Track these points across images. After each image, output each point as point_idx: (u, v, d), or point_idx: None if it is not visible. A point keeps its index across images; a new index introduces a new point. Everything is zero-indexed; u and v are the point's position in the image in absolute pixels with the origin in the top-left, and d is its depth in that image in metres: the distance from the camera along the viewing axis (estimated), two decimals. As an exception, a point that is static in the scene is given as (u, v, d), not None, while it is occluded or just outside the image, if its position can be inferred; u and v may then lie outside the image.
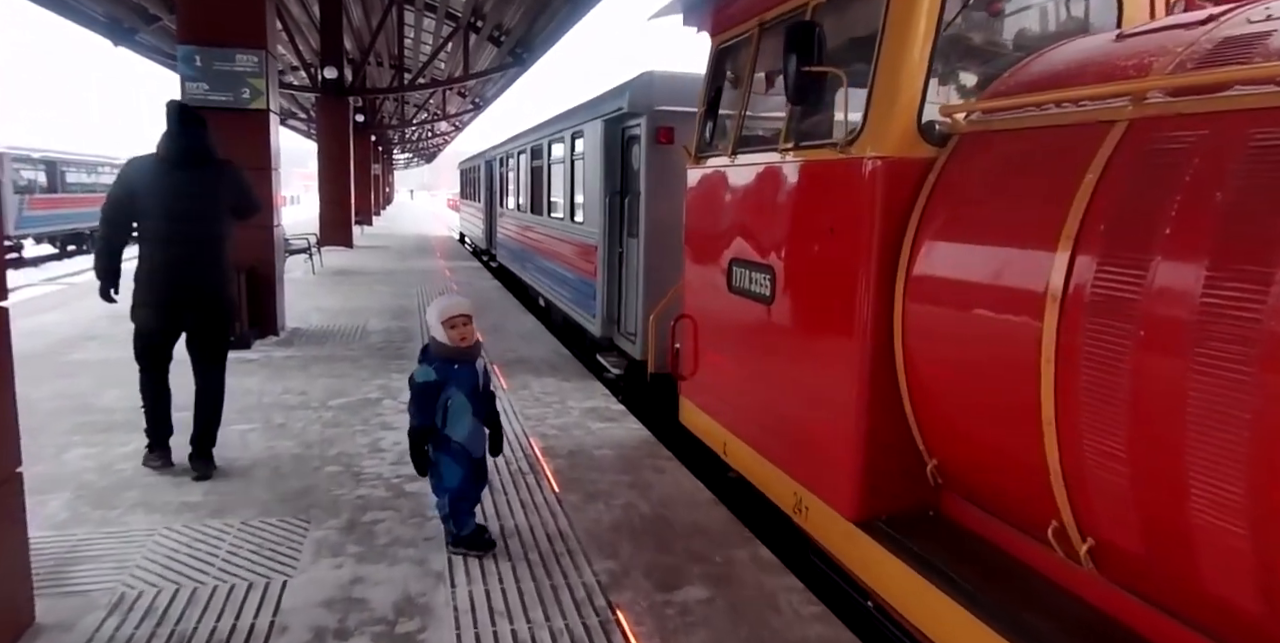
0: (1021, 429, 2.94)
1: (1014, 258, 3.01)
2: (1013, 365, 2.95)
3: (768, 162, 4.52)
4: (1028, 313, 2.86)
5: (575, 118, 9.60)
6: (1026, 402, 2.87)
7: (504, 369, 8.09)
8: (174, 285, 4.79)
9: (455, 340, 3.89)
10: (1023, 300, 2.90)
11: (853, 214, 3.70)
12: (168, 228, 4.75)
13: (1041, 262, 2.83)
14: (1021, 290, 2.92)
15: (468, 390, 3.94)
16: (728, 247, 5.05)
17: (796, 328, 4.22)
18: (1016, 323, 2.94)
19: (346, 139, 22.41)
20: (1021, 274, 2.94)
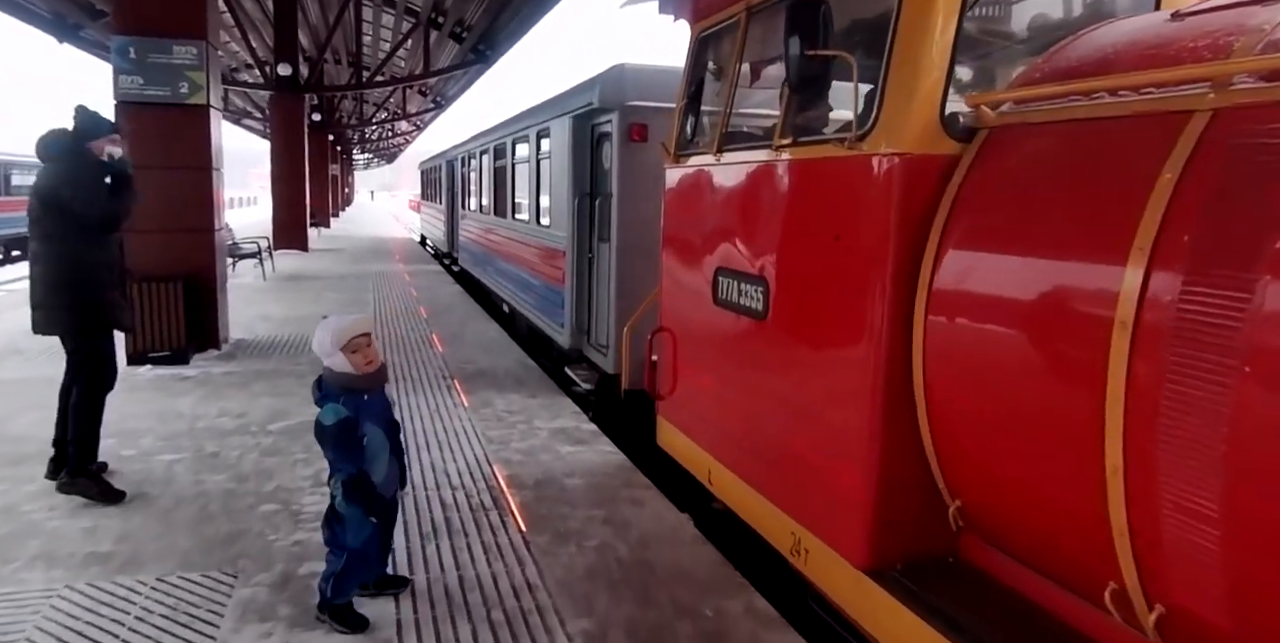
0: (1078, 476, 2.49)
1: (1068, 274, 2.54)
2: (1068, 402, 2.49)
3: (759, 160, 4.03)
4: (1089, 341, 2.39)
5: (541, 115, 9.05)
6: (1086, 445, 2.41)
7: (464, 383, 7.51)
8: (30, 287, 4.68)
9: (360, 366, 3.25)
10: (1082, 325, 2.43)
11: (863, 219, 3.22)
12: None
13: (1106, 279, 2.37)
14: (1080, 313, 2.45)
15: (384, 424, 3.36)
16: (712, 254, 4.56)
17: (795, 347, 3.73)
18: (1074, 352, 2.48)
19: (301, 138, 21.59)
20: (1080, 294, 2.48)
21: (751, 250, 4.11)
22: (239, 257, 15.75)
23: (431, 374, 7.87)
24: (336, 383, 3.23)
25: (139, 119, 8.08)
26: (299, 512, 4.42)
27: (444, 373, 7.92)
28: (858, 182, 3.25)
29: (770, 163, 3.90)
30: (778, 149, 3.80)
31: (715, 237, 4.53)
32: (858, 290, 3.24)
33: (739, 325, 4.24)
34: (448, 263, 20.33)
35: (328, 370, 3.26)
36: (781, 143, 3.76)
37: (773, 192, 3.91)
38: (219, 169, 8.70)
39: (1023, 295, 2.70)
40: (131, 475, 4.90)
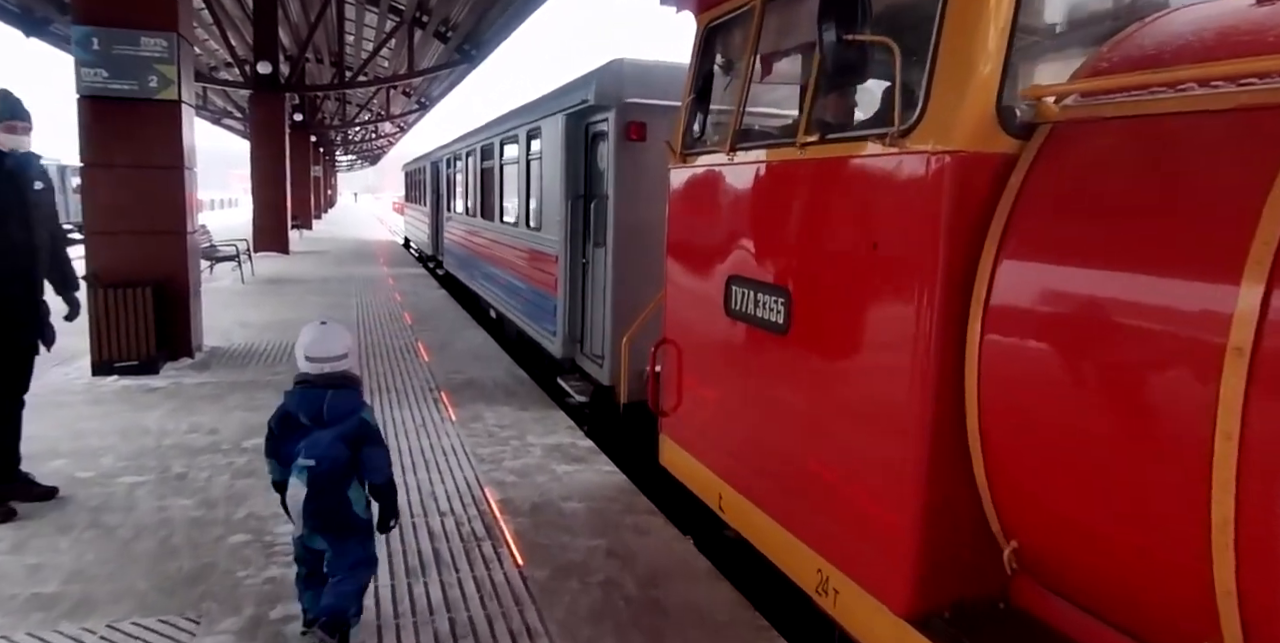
0: (1173, 526, 2.15)
1: (1163, 291, 2.20)
2: (1165, 440, 2.15)
3: (780, 159, 3.67)
4: (1194, 369, 2.06)
5: (532, 113, 8.67)
6: (1187, 491, 2.07)
7: (452, 395, 7.11)
8: None
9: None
10: (1185, 351, 2.09)
11: (907, 225, 2.87)
12: None
13: (1215, 298, 2.03)
14: (1182, 337, 2.11)
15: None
16: (724, 261, 4.20)
17: (823, 365, 3.37)
18: (1174, 382, 2.14)
19: (282, 138, 21.10)
20: (1180, 315, 2.13)
21: (771, 258, 3.76)
22: (216, 259, 15.26)
23: (417, 385, 7.47)
24: (359, 384, 3.31)
25: (104, 115, 7.65)
26: (272, 543, 4.02)
27: (430, 384, 7.52)
28: (900, 183, 2.90)
29: (793, 162, 3.55)
30: (802, 147, 3.45)
31: (728, 242, 4.17)
32: (901, 305, 2.89)
33: (755, 339, 3.89)
34: (432, 266, 19.90)
35: (349, 372, 3.26)
36: (807, 140, 3.41)
37: (796, 194, 3.56)
38: (192, 169, 8.27)
39: (1103, 315, 2.35)
40: (87, 501, 4.49)
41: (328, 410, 3.12)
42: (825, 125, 3.39)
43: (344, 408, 3.15)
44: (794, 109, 4.24)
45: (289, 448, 3.15)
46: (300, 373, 3.24)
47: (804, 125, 3.44)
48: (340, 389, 3.19)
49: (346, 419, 3.14)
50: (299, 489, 3.06)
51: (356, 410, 3.18)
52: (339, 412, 3.14)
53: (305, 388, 3.19)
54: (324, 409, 3.12)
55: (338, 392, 3.17)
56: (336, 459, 3.10)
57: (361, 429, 3.17)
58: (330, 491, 3.11)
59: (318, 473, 3.07)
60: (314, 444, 3.09)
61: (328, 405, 3.12)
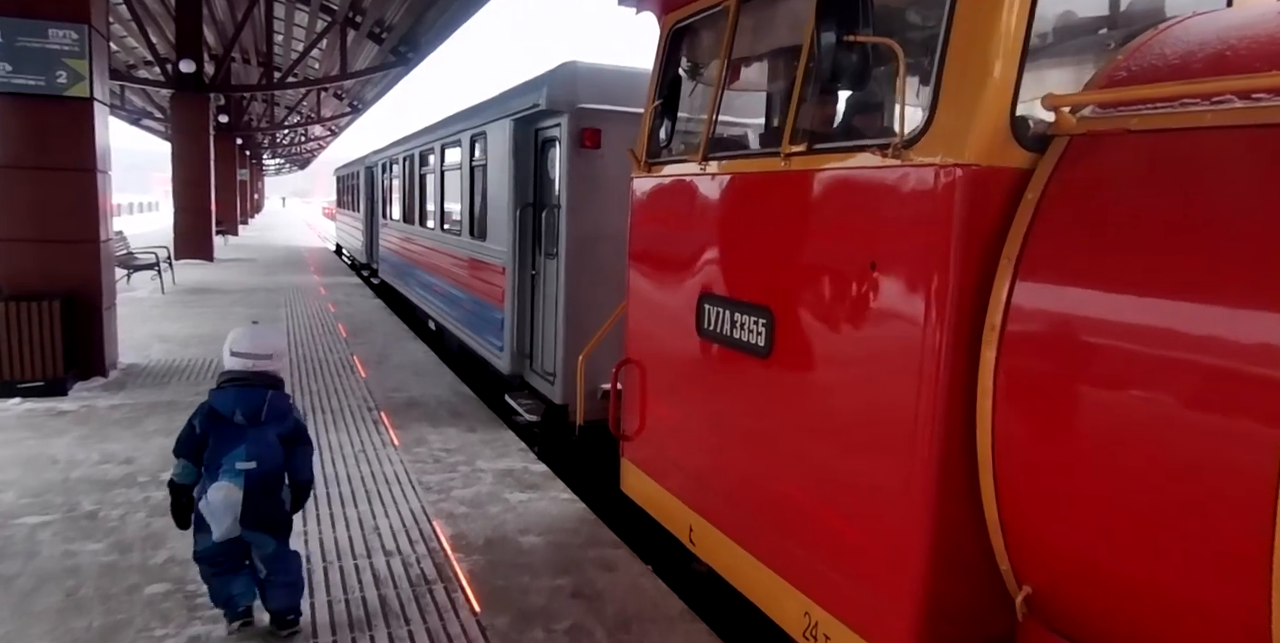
0: (1224, 574, 1.95)
1: (1212, 320, 1.99)
2: (1213, 481, 1.94)
3: (760, 170, 3.42)
4: (1255, 407, 1.85)
5: (477, 117, 8.29)
6: (1245, 543, 1.87)
7: (393, 416, 6.69)
8: None
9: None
10: (1234, 383, 1.89)
11: (911, 244, 2.64)
12: None
13: (1265, 326, 1.83)
14: (1230, 368, 1.91)
15: None
16: (695, 278, 3.93)
17: (813, 393, 3.11)
18: (1221, 417, 1.93)
19: (206, 140, 20.18)
20: (1233, 347, 1.93)
21: (750, 276, 3.50)
22: (134, 268, 14.41)
23: (355, 405, 7.01)
24: (283, 385, 3.30)
25: (7, 113, 7.03)
26: (195, 594, 3.58)
27: (369, 404, 7.07)
28: (903, 198, 2.67)
29: (775, 174, 3.29)
30: (787, 157, 3.20)
31: (700, 258, 3.90)
32: (904, 330, 2.65)
33: (731, 361, 3.63)
34: (367, 275, 19.23)
35: (277, 374, 3.26)
36: (792, 150, 3.16)
37: (779, 208, 3.30)
38: (105, 171, 7.66)
39: (1139, 343, 2.15)
40: (-18, 546, 3.98)
41: (268, 409, 3.13)
42: (813, 134, 3.15)
43: (282, 407, 3.20)
44: (773, 117, 4.01)
45: (215, 449, 3.09)
46: (227, 371, 3.21)
47: (788, 134, 3.19)
48: (276, 389, 3.23)
49: (284, 419, 3.20)
50: (233, 492, 3.02)
51: (290, 410, 3.25)
52: (277, 411, 3.17)
53: (242, 386, 3.15)
54: (264, 408, 3.12)
55: (276, 391, 3.21)
56: (276, 461, 3.15)
57: (296, 429, 3.25)
58: (270, 491, 3.16)
59: (257, 474, 3.08)
60: (257, 445, 3.09)
61: (269, 404, 3.14)
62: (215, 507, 3.01)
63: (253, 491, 3.05)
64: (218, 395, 3.14)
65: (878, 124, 3.02)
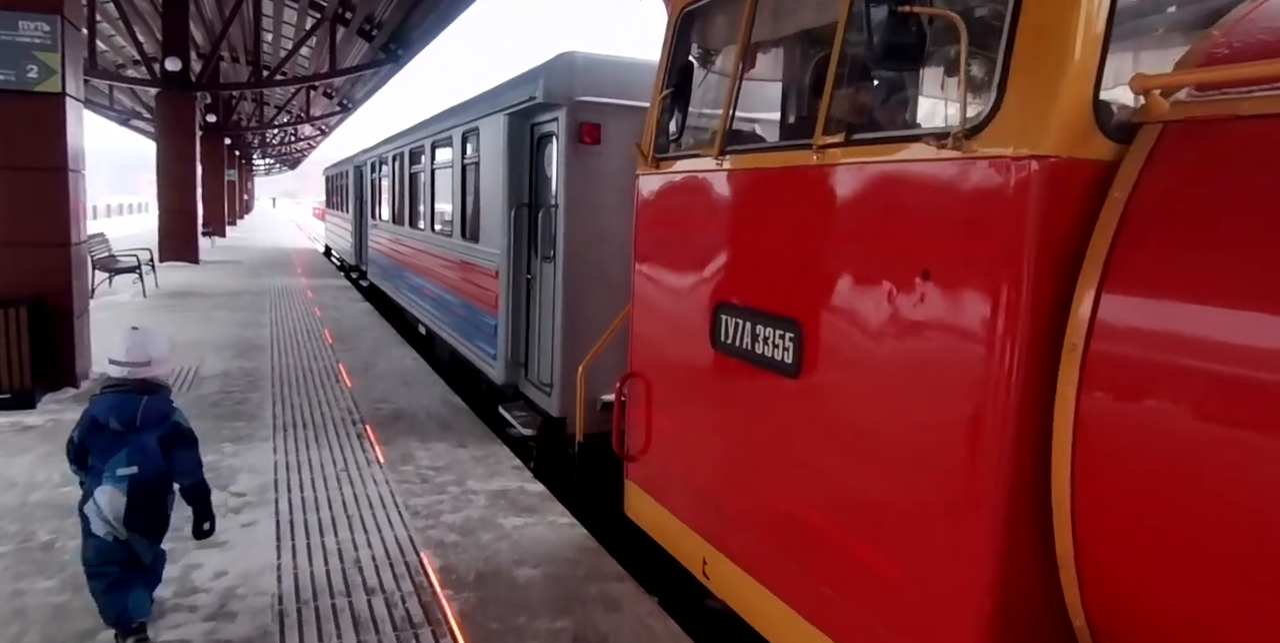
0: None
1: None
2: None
3: (788, 164, 3.04)
4: None
5: (468, 113, 7.90)
6: None
7: (379, 430, 6.29)
8: None
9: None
10: None
11: (975, 249, 2.27)
12: None
13: None
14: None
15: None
16: (710, 285, 3.56)
17: (851, 419, 2.74)
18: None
19: (192, 139, 19.71)
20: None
21: (775, 283, 3.13)
22: (114, 271, 13.97)
23: (338, 418, 6.61)
24: (169, 390, 3.35)
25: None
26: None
27: (354, 416, 6.67)
28: (964, 196, 2.30)
29: (806, 169, 2.92)
30: (820, 150, 2.82)
31: (715, 261, 3.53)
32: (965, 348, 2.28)
33: (752, 379, 3.25)
34: (355, 277, 18.79)
35: (159, 379, 3.28)
36: (827, 141, 2.78)
37: (810, 206, 2.93)
38: (79, 171, 7.24)
39: (1259, 371, 1.78)
40: (-82, 584, 3.57)
41: (142, 415, 3.12)
42: (852, 123, 2.78)
43: (158, 412, 3.19)
44: (800, 105, 3.64)
45: (99, 455, 3.10)
46: (108, 378, 3.24)
47: (821, 123, 2.82)
48: (154, 394, 3.21)
49: (161, 424, 3.17)
50: (117, 497, 3.05)
51: (169, 414, 3.22)
52: (153, 416, 3.16)
53: (118, 392, 3.16)
54: (138, 414, 3.11)
55: (153, 396, 3.20)
56: (159, 466, 3.14)
57: (175, 432, 3.21)
58: (153, 497, 3.16)
59: (140, 480, 3.09)
60: (137, 451, 3.10)
61: (143, 410, 3.12)
62: (100, 511, 3.06)
63: (135, 496, 3.08)
64: (97, 402, 3.16)
65: (932, 111, 2.65)
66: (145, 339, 3.30)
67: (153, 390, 3.21)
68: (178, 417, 3.25)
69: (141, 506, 3.09)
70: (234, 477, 5.09)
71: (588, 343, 5.89)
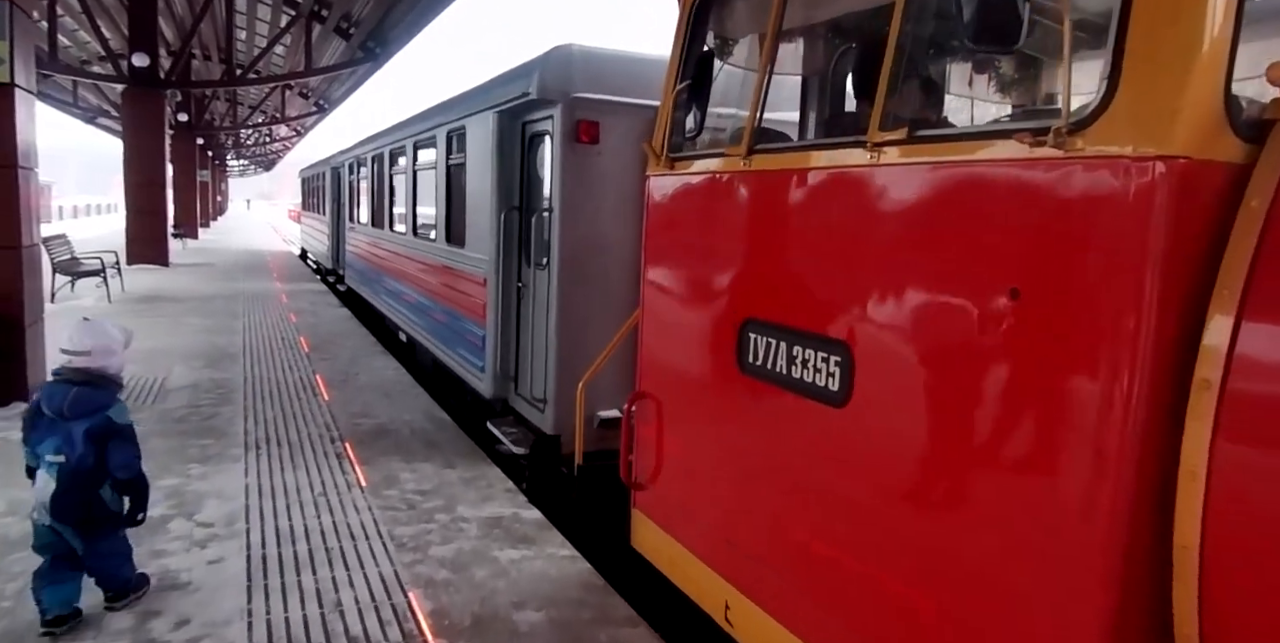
0: None
1: None
2: None
3: (833, 165, 2.69)
4: None
5: (454, 111, 7.49)
6: None
7: (359, 448, 5.87)
8: None
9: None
10: None
11: (1081, 265, 1.92)
12: None
13: None
14: None
15: None
16: (735, 299, 3.21)
17: (913, 458, 2.39)
18: None
19: (161, 138, 19.11)
20: None
21: (818, 299, 2.77)
22: (76, 275, 13.40)
23: (315, 434, 6.18)
24: (116, 384, 3.38)
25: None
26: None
27: (332, 433, 6.24)
28: (1066, 203, 1.95)
29: (856, 170, 2.57)
30: (876, 148, 2.47)
31: (741, 272, 3.18)
32: (1064, 386, 1.93)
33: (786, 405, 2.90)
34: (333, 281, 18.26)
35: (108, 371, 3.32)
36: (885, 138, 2.43)
37: (861, 213, 2.58)
38: (31, 168, 6.76)
39: None
40: None
41: (70, 405, 3.16)
42: (916, 118, 2.43)
43: (89, 404, 3.20)
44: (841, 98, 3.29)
45: (35, 439, 3.20)
46: (59, 366, 3.32)
47: (878, 117, 2.47)
48: (88, 386, 3.23)
49: (92, 415, 3.19)
50: (48, 482, 3.13)
51: (104, 407, 3.23)
52: (82, 407, 3.18)
53: (57, 381, 3.25)
54: (66, 403, 3.15)
55: (84, 387, 3.22)
56: (84, 458, 3.16)
57: (107, 426, 3.22)
58: (80, 488, 3.17)
59: (67, 470, 3.14)
60: (64, 440, 3.15)
61: (71, 400, 3.16)
62: (37, 495, 3.17)
63: (63, 483, 3.12)
64: (44, 387, 3.28)
65: (1024, 101, 2.30)
66: (90, 329, 3.36)
67: (91, 382, 3.24)
68: (114, 411, 3.26)
69: (69, 495, 3.13)
70: (200, 504, 4.65)
71: (584, 356, 5.52)
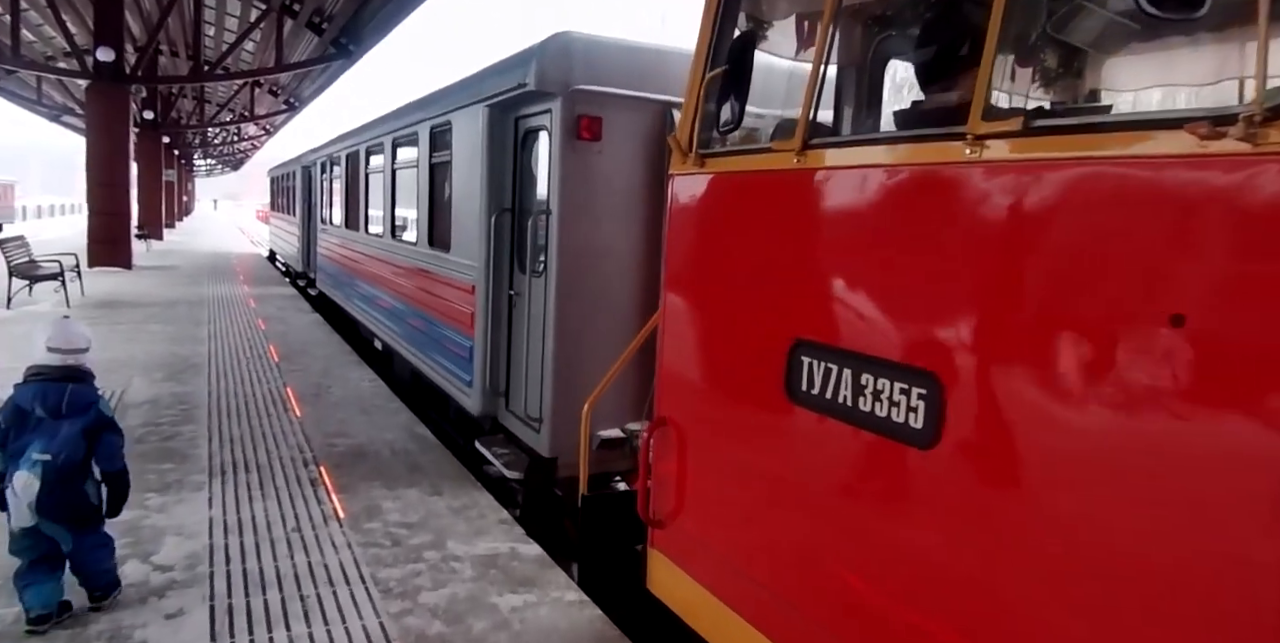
0: None
1: None
2: None
3: (920, 161, 2.26)
4: None
5: (439, 105, 6.99)
6: None
7: (335, 474, 5.35)
8: None
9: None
10: None
11: (1272, 286, 1.51)
12: None
13: None
14: None
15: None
16: (784, 315, 2.78)
17: (1024, 511, 1.96)
18: None
19: (125, 136, 18.33)
20: None
21: (895, 320, 2.34)
22: (34, 278, 12.70)
23: (287, 457, 5.65)
24: (93, 377, 3.47)
25: None
26: None
27: (305, 455, 5.71)
28: (1255, 209, 1.53)
29: (952, 167, 2.14)
30: (978, 142, 2.04)
31: (793, 285, 2.74)
32: (1249, 437, 1.52)
33: (851, 443, 2.47)
34: (304, 284, 17.61)
35: (85, 368, 3.42)
36: (990, 129, 2.00)
37: (957, 218, 2.15)
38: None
39: None
40: None
41: (68, 403, 3.24)
42: (1039, 108, 2.00)
43: (85, 400, 3.30)
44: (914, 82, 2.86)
45: (19, 441, 3.20)
46: (36, 366, 3.35)
47: (980, 104, 2.04)
48: (80, 383, 3.35)
49: (87, 411, 3.28)
50: (31, 482, 3.11)
51: (95, 402, 3.33)
52: (80, 404, 3.28)
53: (43, 381, 3.28)
54: (64, 402, 3.23)
55: (79, 385, 3.33)
56: (74, 453, 3.22)
57: (100, 420, 3.32)
58: (67, 483, 3.21)
59: (54, 467, 3.15)
60: (53, 438, 3.19)
61: (69, 398, 3.25)
62: (14, 495, 3.13)
63: (49, 481, 3.14)
64: (21, 390, 3.28)
65: (1195, 82, 1.88)
66: (77, 327, 3.52)
67: (78, 378, 3.35)
68: (102, 405, 3.36)
69: (54, 492, 3.15)
70: (158, 542, 4.13)
71: (583, 371, 5.07)
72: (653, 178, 5.16)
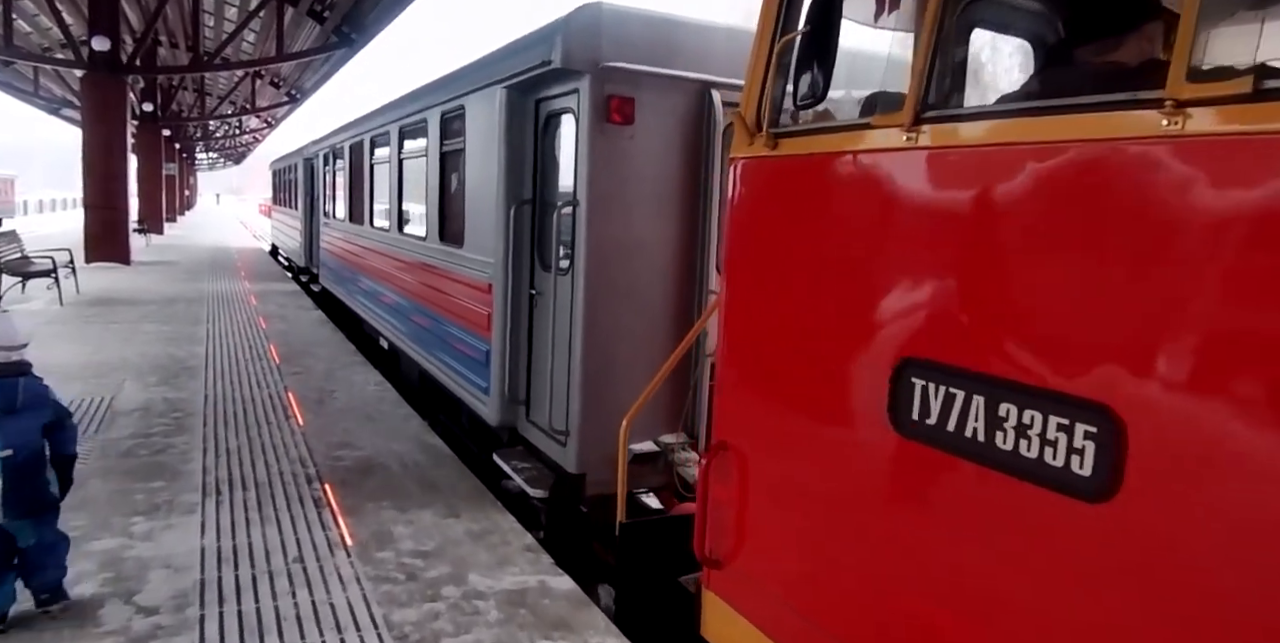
0: None
1: None
2: None
3: (1087, 137, 1.77)
4: None
5: (449, 89, 6.50)
6: None
7: (341, 493, 4.87)
8: None
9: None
10: None
11: None
12: None
13: None
14: None
15: None
16: (888, 327, 2.30)
17: (1264, 593, 1.49)
18: None
19: (123, 128, 17.81)
20: None
21: (1054, 337, 1.86)
22: (27, 275, 12.24)
23: (288, 473, 5.18)
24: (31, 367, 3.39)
25: None
26: None
27: (308, 470, 5.24)
28: None
29: (1140, 144, 1.66)
30: (1178, 110, 1.56)
31: (903, 292, 2.26)
32: None
33: (987, 488, 1.99)
34: (306, 280, 17.14)
35: (27, 362, 3.34)
36: (1218, 91, 1.52)
37: (1150, 207, 1.67)
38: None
39: None
40: None
41: (23, 397, 3.22)
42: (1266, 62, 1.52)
43: (38, 394, 3.29)
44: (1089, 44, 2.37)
45: None
46: None
47: (1183, 64, 1.56)
48: (29, 376, 3.31)
49: (42, 405, 3.28)
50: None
51: (46, 394, 3.33)
52: (34, 398, 3.26)
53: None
54: (18, 397, 3.20)
55: (29, 379, 3.30)
56: (34, 446, 3.21)
57: (58, 411, 3.36)
58: (29, 477, 3.20)
59: (16, 463, 3.14)
60: (14, 433, 3.15)
61: (23, 393, 3.22)
62: None
63: (10, 478, 3.12)
64: None
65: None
66: (16, 322, 3.48)
67: (26, 373, 3.29)
68: (53, 395, 3.35)
69: (16, 487, 3.13)
70: (143, 577, 3.66)
71: (616, 380, 4.60)
72: (690, 166, 4.67)
